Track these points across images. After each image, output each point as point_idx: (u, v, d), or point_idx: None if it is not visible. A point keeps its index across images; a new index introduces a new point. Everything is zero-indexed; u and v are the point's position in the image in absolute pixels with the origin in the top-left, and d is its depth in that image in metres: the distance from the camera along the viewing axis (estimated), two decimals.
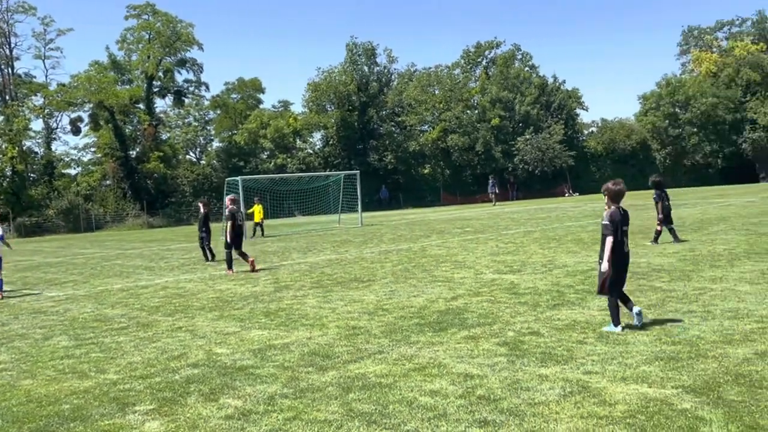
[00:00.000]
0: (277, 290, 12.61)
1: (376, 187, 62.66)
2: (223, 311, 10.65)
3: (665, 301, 8.99)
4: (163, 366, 7.33)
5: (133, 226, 53.86)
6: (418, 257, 16.61)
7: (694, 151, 68.48)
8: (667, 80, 72.57)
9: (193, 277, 15.76)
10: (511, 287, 11.00)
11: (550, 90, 70.79)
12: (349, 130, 65.56)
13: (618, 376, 5.87)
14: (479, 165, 66.88)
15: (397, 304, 10.11)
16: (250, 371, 6.85)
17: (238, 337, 8.60)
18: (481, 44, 75.98)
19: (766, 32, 75.54)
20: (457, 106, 67.53)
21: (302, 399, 5.84)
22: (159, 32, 64.93)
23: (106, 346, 8.61)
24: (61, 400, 6.29)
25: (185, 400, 6.05)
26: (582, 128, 75.48)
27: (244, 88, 76.97)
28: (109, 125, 61.15)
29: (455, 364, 6.60)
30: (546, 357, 6.64)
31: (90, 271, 19.21)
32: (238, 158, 66.15)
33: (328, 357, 7.22)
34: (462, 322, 8.55)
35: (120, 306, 12.00)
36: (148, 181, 61.40)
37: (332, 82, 66.66)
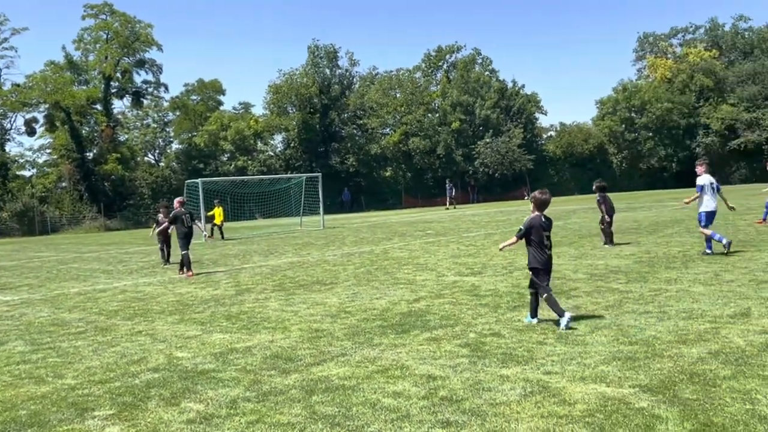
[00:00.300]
0: (238, 293, 12.52)
1: (338, 190, 62.59)
2: (183, 315, 10.54)
3: (622, 302, 9.18)
4: (122, 370, 7.24)
5: (90, 228, 52.88)
6: (380, 260, 16.65)
7: (649, 155, 69.90)
8: (623, 85, 73.96)
9: (152, 281, 15.56)
10: (473, 289, 11.11)
11: (509, 94, 71.57)
12: (310, 133, 65.37)
13: (577, 376, 5.98)
14: (440, 168, 67.29)
15: (359, 307, 10.13)
16: (212, 375, 6.81)
17: (200, 340, 8.53)
18: (442, 48, 76.49)
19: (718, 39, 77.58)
20: (418, 110, 67.84)
21: (265, 402, 5.82)
22: (117, 32, 63.90)
23: (63, 350, 8.46)
24: (18, 406, 6.17)
25: (146, 404, 5.99)
26: (541, 132, 76.47)
27: (204, 89, 76.17)
28: (66, 126, 59.94)
29: (418, 365, 6.65)
30: (507, 358, 6.73)
31: (46, 274, 18.82)
32: (198, 160, 65.43)
33: (291, 360, 7.21)
34: (424, 324, 8.61)
35: (77, 310, 11.79)
36: (106, 183, 60.35)
37: (294, 85, 66.42)
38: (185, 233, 16.29)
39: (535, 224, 8.29)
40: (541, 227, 8.27)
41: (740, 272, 11.06)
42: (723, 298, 9.05)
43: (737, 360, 6.18)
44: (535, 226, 8.28)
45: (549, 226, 8.41)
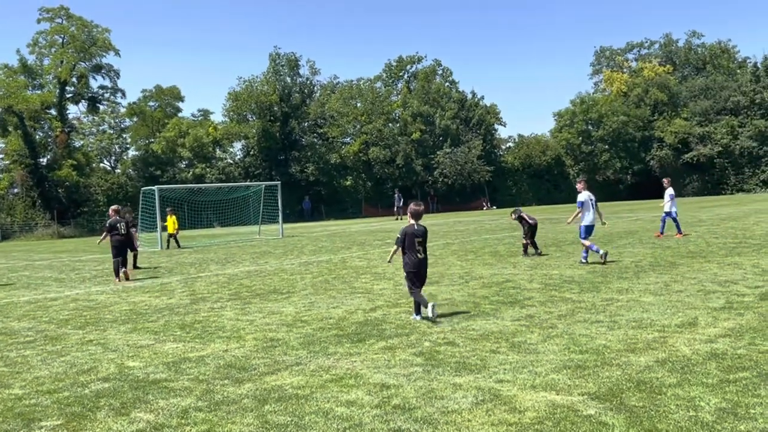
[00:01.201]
0: (193, 302, 12.39)
1: (297, 199, 62.37)
2: (136, 324, 10.39)
3: (575, 312, 9.34)
4: (72, 380, 7.10)
5: (43, 236, 51.74)
6: (338, 269, 16.64)
7: (605, 167, 71.22)
8: (580, 98, 75.32)
9: (105, 289, 15.30)
10: (430, 298, 11.15)
11: (469, 105, 72.27)
12: (270, 141, 65.06)
13: (528, 384, 6.07)
14: (400, 178, 67.55)
15: (316, 316, 10.12)
16: (164, 384, 6.73)
17: (152, 350, 8.42)
18: (403, 58, 76.94)
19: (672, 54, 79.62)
20: (378, 119, 68.06)
21: (217, 412, 5.78)
22: (73, 36, 62.83)
23: (11, 360, 8.27)
24: None
25: (95, 414, 5.89)
26: (500, 143, 77.34)
27: (162, 95, 75.23)
28: (18, 131, 58.60)
29: (372, 374, 6.68)
30: (460, 366, 6.79)
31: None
32: (155, 167, 64.57)
33: (245, 369, 7.16)
34: (380, 333, 8.64)
35: (27, 319, 11.53)
36: (60, 189, 59.14)
37: (254, 92, 66.07)
38: (120, 241, 16.90)
39: (408, 232, 9.47)
40: (413, 235, 9.44)
41: (689, 283, 11.34)
42: (672, 308, 9.27)
43: (683, 368, 6.34)
44: (408, 233, 9.46)
45: (422, 234, 9.53)
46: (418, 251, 9.46)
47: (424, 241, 9.61)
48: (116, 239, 16.85)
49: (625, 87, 75.81)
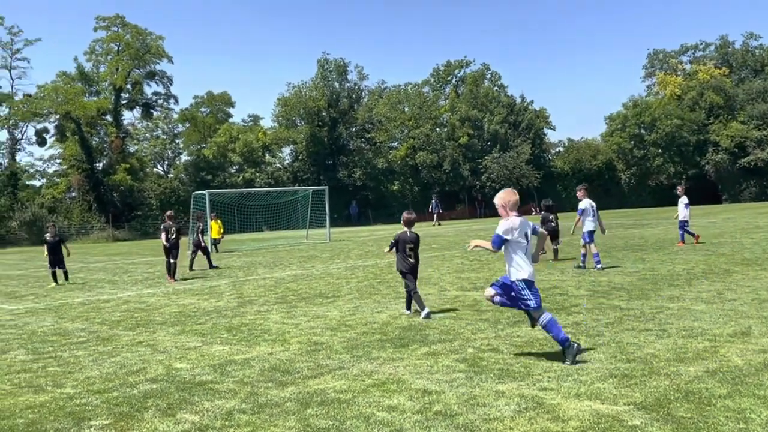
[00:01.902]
0: (240, 305, 12.56)
1: (344, 203, 62.70)
2: (185, 326, 10.59)
3: (623, 320, 9.16)
4: (121, 381, 7.27)
5: (98, 239, 53.12)
6: (384, 273, 16.67)
7: (658, 172, 69.75)
8: (633, 102, 73.94)
9: (156, 292, 15.63)
10: (474, 304, 11.11)
11: (518, 109, 71.65)
12: (318, 146, 65.59)
13: (572, 393, 5.98)
14: (447, 182, 67.34)
15: (360, 320, 10.15)
16: (209, 386, 6.84)
17: (199, 352, 8.57)
18: (450, 63, 76.69)
19: (728, 57, 77.54)
20: (426, 124, 67.98)
21: (260, 414, 5.84)
22: (128, 44, 64.45)
23: (64, 360, 8.51)
24: (16, 415, 6.21)
25: (142, 415, 6.02)
26: (549, 148, 76.46)
27: (214, 101, 76.62)
28: (76, 137, 60.36)
29: (414, 380, 6.66)
30: (503, 373, 6.73)
31: (51, 284, 18.91)
32: (206, 172, 65.71)
33: (289, 372, 7.23)
34: (423, 338, 8.62)
35: (80, 320, 11.85)
36: (114, 193, 60.68)
37: (302, 98, 66.72)
38: (171, 244, 18.18)
39: (401, 238, 10.40)
40: (405, 241, 10.37)
41: (743, 291, 11.02)
42: (724, 316, 9.02)
43: (734, 379, 6.16)
44: (401, 239, 10.40)
45: (413, 240, 10.42)
46: (409, 256, 10.43)
47: (416, 247, 10.51)
48: (169, 242, 18.19)
49: (679, 90, 74.11)
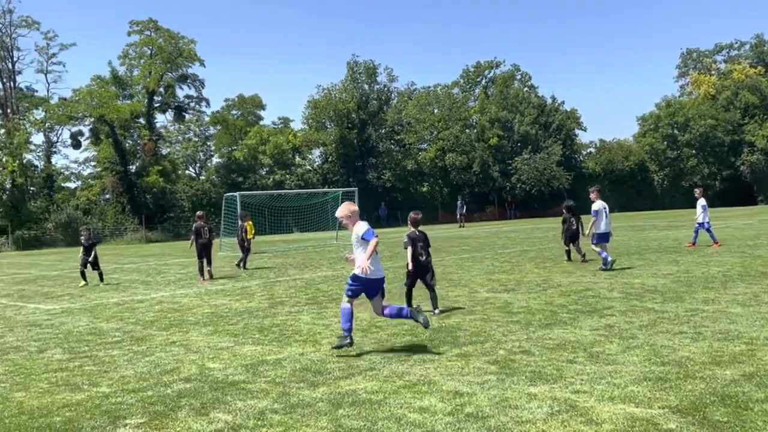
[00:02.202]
0: (272, 306, 12.65)
1: (374, 205, 62.79)
2: (217, 326, 10.69)
3: (657, 322, 9.04)
4: (155, 380, 7.37)
5: (132, 240, 53.89)
6: None
7: (692, 173, 68.77)
8: (666, 102, 73.01)
9: (188, 292, 15.80)
10: (505, 306, 11.06)
11: (548, 110, 71.16)
12: (348, 148, 65.82)
13: (606, 396, 5.92)
14: (477, 184, 67.09)
15: (390, 322, 10.15)
16: (242, 386, 6.89)
17: (231, 352, 8.64)
18: (480, 64, 76.48)
19: (764, 56, 76.16)
20: (455, 125, 67.81)
21: (292, 414, 5.88)
22: (161, 48, 65.30)
23: (99, 359, 8.65)
24: (53, 413, 6.32)
25: (176, 414, 6.09)
26: (580, 149, 75.82)
27: (245, 104, 77.32)
28: (110, 140, 61.34)
29: (445, 381, 6.65)
30: (535, 376, 6.68)
31: (81, 282, 19.23)
32: (237, 174, 66.30)
33: (320, 373, 7.26)
34: (454, 340, 8.60)
35: (115, 320, 12.03)
36: (147, 195, 61.50)
37: (332, 100, 67.02)
38: (203, 244, 18.44)
39: (412, 237, 10.84)
40: (417, 240, 10.84)
41: None
42: (761, 319, 8.86)
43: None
44: (412, 239, 10.82)
45: (424, 238, 10.95)
46: (421, 254, 10.90)
47: (427, 245, 11.05)
48: (200, 243, 18.50)
49: (714, 90, 73.04)
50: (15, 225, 54.14)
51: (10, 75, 66.53)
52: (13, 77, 67.01)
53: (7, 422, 6.12)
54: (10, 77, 66.57)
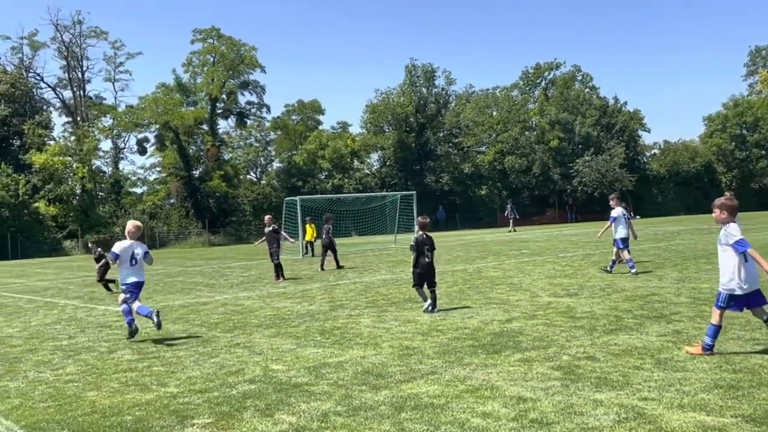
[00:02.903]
0: (332, 309, 12.75)
1: (432, 208, 62.69)
2: (279, 328, 10.84)
3: (727, 328, 8.75)
4: (221, 381, 7.51)
5: (196, 243, 55.11)
6: (473, 279, 16.56)
7: (762, 174, 66.43)
8: (734, 101, 70.75)
9: (251, 295, 16.07)
10: (568, 311, 10.88)
11: (611, 111, 69.82)
12: (406, 151, 65.92)
13: (675, 404, 5.77)
14: (537, 187, 66.27)
15: (451, 325, 10.12)
16: (305, 388, 6.97)
17: (294, 354, 8.75)
18: (540, 65, 75.60)
19: None
20: (514, 128, 67.15)
21: (355, 417, 5.91)
22: (223, 55, 66.70)
23: (167, 360, 8.87)
24: (124, 412, 6.51)
25: (242, 414, 6.20)
26: (644, 150, 74.12)
27: (304, 109, 78.30)
28: (174, 146, 62.95)
29: (508, 386, 6.58)
30: (601, 382, 6.56)
31: (153, 287, 19.75)
32: (296, 178, 67.15)
33: (382, 376, 7.28)
34: (516, 344, 8.51)
35: (181, 322, 12.32)
36: (210, 200, 62.84)
37: (390, 104, 67.25)
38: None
39: (419, 240, 11.71)
40: (423, 243, 11.69)
41: None
42: None
43: None
44: (419, 241, 11.69)
45: (429, 242, 11.79)
46: (426, 256, 11.70)
47: (432, 248, 11.82)
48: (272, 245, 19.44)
49: None
50: (85, 229, 56.02)
51: (80, 84, 69.05)
52: (83, 86, 69.56)
53: (80, 420, 6.33)
54: (80, 86, 69.10)
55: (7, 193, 53.66)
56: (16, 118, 62.12)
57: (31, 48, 67.62)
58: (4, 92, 61.90)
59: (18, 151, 61.71)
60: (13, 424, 6.37)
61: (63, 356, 9.57)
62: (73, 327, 12.50)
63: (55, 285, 22.90)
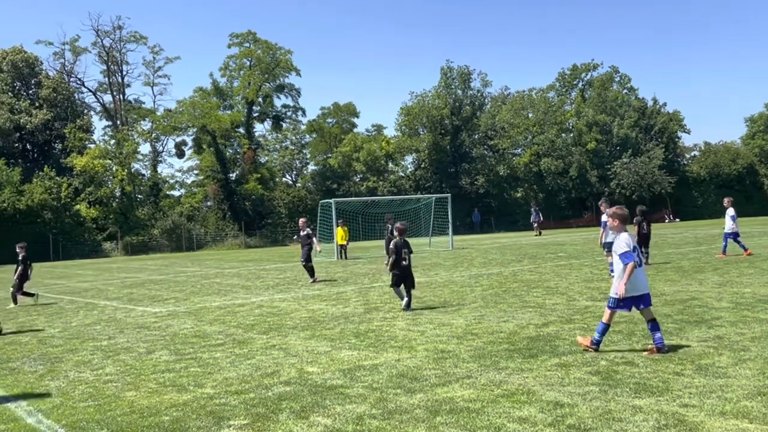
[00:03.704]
0: (367, 311, 12.75)
1: (467, 211, 62.41)
2: (314, 331, 10.88)
3: None
4: (257, 382, 7.56)
5: (232, 245, 55.65)
6: (509, 282, 16.43)
7: None
8: None
9: (286, 297, 16.16)
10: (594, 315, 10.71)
11: (650, 113, 68.78)
12: (441, 154, 65.74)
13: (717, 411, 5.64)
14: (573, 189, 65.56)
15: (486, 329, 10.05)
16: (340, 391, 6.98)
17: (329, 356, 8.77)
18: (577, 66, 74.78)
19: None
20: (551, 130, 66.53)
21: (390, 420, 5.90)
22: (259, 59, 67.32)
23: (203, 361, 8.96)
24: (162, 412, 6.59)
25: (277, 416, 6.22)
26: (683, 152, 72.85)
27: (339, 112, 78.62)
28: (211, 149, 63.69)
29: (545, 391, 6.51)
30: (640, 388, 6.44)
31: (190, 288, 20.00)
32: (331, 181, 67.41)
33: (417, 379, 7.25)
34: (553, 349, 8.41)
35: (218, 323, 12.44)
36: (247, 202, 63.40)
37: (425, 106, 67.14)
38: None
39: (398, 244, 12.72)
40: (401, 246, 12.67)
41: None
42: None
43: None
44: (398, 245, 12.69)
45: (407, 246, 12.80)
46: (404, 259, 12.57)
47: (410, 251, 12.80)
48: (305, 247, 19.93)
49: None
50: (124, 231, 56.97)
51: (119, 88, 70.29)
52: (123, 90, 70.77)
53: (119, 420, 6.43)
54: (119, 90, 70.33)
55: (50, 196, 54.82)
56: (58, 122, 63.46)
57: (73, 53, 69.05)
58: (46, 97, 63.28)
59: (60, 154, 63.04)
60: (54, 423, 6.48)
61: (102, 356, 9.73)
62: (113, 328, 12.70)
63: (95, 286, 23.32)
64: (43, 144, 63.61)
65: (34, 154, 64.95)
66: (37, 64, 66.22)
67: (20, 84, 65.48)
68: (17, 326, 13.73)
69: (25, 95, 64.83)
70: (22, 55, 64.61)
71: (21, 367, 9.34)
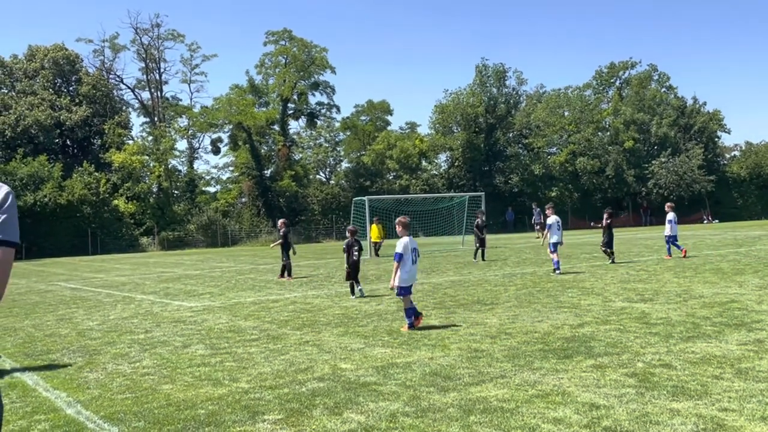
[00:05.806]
0: (400, 309, 12.74)
1: (501, 209, 61.99)
2: (348, 327, 10.91)
3: None
4: (291, 378, 7.61)
5: (266, 242, 56.03)
6: (543, 282, 16.30)
7: None
8: None
9: (320, 293, 16.24)
10: (642, 316, 10.58)
11: (689, 112, 67.58)
12: (474, 152, 65.37)
13: (757, 415, 5.53)
14: (610, 189, 64.74)
15: (520, 329, 9.98)
16: (373, 388, 6.99)
17: (362, 353, 8.79)
18: (614, 64, 73.78)
19: None
20: (587, 128, 65.75)
21: (423, 418, 5.89)
22: (295, 57, 67.65)
23: (238, 356, 9.05)
24: (198, 406, 6.67)
25: (311, 412, 6.26)
26: (723, 152, 71.46)
27: (373, 110, 78.60)
28: (247, 145, 64.20)
29: (580, 392, 6.44)
30: (678, 391, 6.35)
31: (225, 284, 20.21)
32: (364, 178, 67.46)
33: (450, 378, 7.24)
34: (588, 350, 8.32)
35: (252, 318, 12.55)
36: (281, 199, 63.79)
37: (459, 104, 66.80)
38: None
39: (349, 243, 14.64)
40: (351, 245, 14.53)
41: None
42: None
43: None
44: (349, 244, 14.54)
45: (357, 245, 14.78)
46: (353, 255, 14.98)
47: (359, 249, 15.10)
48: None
49: None
50: (160, 226, 57.75)
51: (157, 85, 71.27)
52: (160, 87, 71.74)
53: (156, 413, 6.52)
54: (157, 87, 71.32)
55: (89, 191, 55.80)
56: (97, 119, 64.51)
57: (112, 50, 70.18)
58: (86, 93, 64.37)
59: (98, 150, 64.07)
60: (92, 414, 6.61)
61: (140, 350, 9.89)
62: (149, 321, 12.89)
63: (132, 280, 23.69)
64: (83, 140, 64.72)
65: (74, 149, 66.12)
66: (77, 61, 67.36)
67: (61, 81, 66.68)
68: (56, 318, 14.00)
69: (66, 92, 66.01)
70: (63, 52, 65.77)
71: (60, 358, 9.53)
